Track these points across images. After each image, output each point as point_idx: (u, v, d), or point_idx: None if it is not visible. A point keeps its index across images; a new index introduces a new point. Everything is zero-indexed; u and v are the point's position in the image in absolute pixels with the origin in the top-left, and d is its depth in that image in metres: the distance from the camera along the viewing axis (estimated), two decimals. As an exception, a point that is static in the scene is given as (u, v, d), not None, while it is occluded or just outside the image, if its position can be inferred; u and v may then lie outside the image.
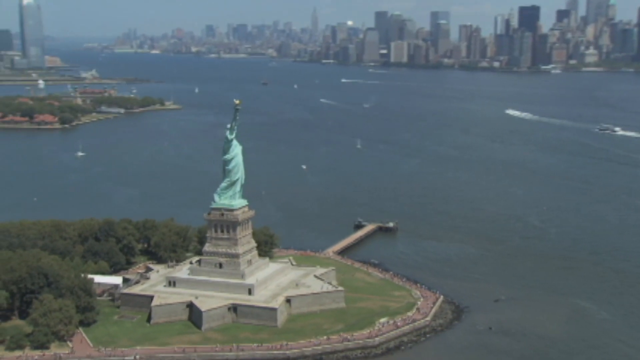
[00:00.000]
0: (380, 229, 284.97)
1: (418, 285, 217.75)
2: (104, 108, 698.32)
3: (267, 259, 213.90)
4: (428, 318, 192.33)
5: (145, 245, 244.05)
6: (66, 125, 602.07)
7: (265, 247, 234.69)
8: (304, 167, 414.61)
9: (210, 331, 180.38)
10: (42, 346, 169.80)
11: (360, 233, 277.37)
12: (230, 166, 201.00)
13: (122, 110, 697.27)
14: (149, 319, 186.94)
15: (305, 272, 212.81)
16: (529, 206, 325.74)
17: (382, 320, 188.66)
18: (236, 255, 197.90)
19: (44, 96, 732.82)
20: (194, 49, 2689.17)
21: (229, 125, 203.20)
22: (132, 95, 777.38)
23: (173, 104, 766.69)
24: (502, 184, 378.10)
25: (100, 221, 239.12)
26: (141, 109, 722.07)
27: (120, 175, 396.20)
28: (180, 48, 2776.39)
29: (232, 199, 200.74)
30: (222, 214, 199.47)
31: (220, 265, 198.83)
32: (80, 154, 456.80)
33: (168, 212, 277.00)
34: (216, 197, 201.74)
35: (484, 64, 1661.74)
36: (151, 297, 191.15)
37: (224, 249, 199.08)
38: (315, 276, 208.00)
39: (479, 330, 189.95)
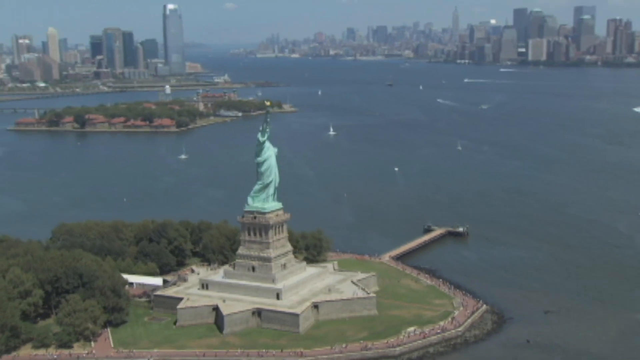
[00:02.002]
0: (449, 233, 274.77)
1: (464, 293, 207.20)
2: (222, 112, 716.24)
3: (304, 263, 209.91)
4: (460, 328, 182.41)
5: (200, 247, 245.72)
6: (182, 129, 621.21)
7: (314, 251, 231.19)
8: (396, 169, 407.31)
9: (232, 335, 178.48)
10: (66, 345, 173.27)
11: (426, 237, 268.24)
12: (263, 169, 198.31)
13: (239, 114, 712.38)
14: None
15: (343, 277, 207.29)
16: (621, 212, 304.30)
17: (410, 329, 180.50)
18: (268, 259, 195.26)
19: (168, 101, 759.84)
20: (332, 52, 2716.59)
21: (260, 128, 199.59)
22: (250, 99, 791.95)
23: (290, 106, 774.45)
24: (599, 187, 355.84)
25: (155, 223, 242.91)
26: (258, 112, 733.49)
27: (213, 177, 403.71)
28: (319, 52, 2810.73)
29: (264, 202, 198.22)
30: (255, 217, 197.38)
31: (253, 269, 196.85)
32: (183, 156, 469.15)
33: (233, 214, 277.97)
34: (249, 200, 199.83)
35: (630, 59, 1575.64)
36: (181, 300, 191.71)
37: (257, 252, 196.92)
38: (353, 282, 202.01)
39: (516, 343, 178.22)
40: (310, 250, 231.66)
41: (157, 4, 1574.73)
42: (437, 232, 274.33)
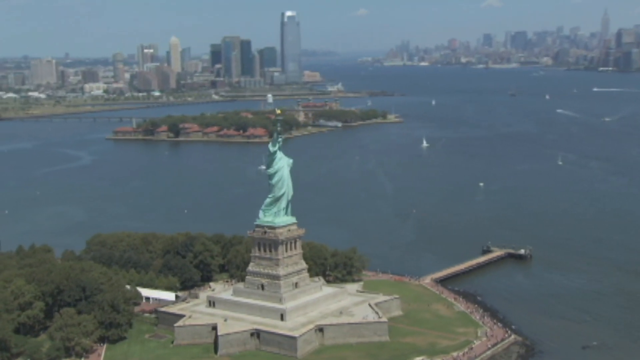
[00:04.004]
0: (510, 255, 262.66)
1: (495, 321, 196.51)
2: (322, 121, 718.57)
3: (319, 283, 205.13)
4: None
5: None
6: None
7: (344, 270, 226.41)
8: (481, 184, 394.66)
9: (226, 357, 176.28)
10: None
11: (482, 259, 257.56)
12: (274, 181, 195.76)
13: (339, 124, 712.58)
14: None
15: (362, 300, 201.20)
16: None
17: (417, 359, 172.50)
18: (277, 277, 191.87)
19: (268, 110, 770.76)
20: (463, 60, 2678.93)
21: (272, 137, 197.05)
22: (352, 109, 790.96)
23: (395, 117, 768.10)
24: None
25: (184, 235, 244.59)
26: (360, 122, 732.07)
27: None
28: (450, 59, 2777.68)
29: (275, 216, 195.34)
30: (265, 232, 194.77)
31: (262, 287, 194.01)
32: (263, 167, 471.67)
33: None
34: (260, 214, 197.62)
35: None
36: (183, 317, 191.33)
37: (266, 270, 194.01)
38: (370, 305, 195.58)
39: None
40: (339, 269, 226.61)
41: (276, 11, 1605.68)
42: (496, 253, 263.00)
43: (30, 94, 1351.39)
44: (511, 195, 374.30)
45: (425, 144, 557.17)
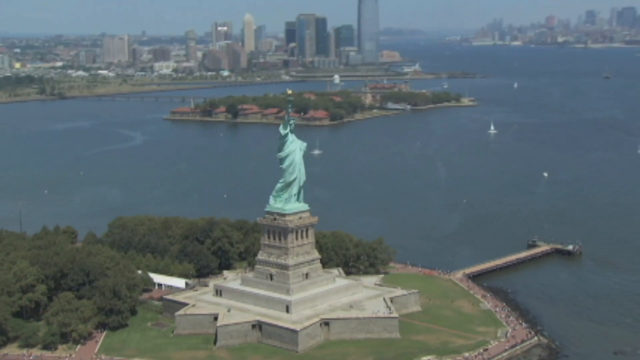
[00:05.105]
0: (556, 251, 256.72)
1: (520, 322, 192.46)
2: (389, 104, 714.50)
3: (333, 274, 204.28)
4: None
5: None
6: (336, 122, 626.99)
7: (367, 261, 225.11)
8: (545, 174, 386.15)
9: (224, 349, 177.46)
10: (50, 347, 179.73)
11: (525, 254, 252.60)
12: (285, 165, 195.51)
13: (407, 107, 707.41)
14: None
15: (378, 293, 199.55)
16: None
17: (424, 358, 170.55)
18: (285, 267, 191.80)
19: (334, 91, 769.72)
20: (560, 39, 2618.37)
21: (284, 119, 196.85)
22: (423, 91, 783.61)
23: (470, 100, 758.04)
24: None
25: (205, 220, 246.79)
26: (430, 105, 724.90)
27: (332, 176, 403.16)
28: (545, 39, 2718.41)
29: (286, 203, 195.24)
30: (275, 219, 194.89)
31: (271, 277, 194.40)
32: (316, 152, 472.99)
33: (332, 218, 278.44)
34: (271, 200, 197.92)
35: None
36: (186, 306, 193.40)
37: (275, 259, 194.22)
38: (384, 299, 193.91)
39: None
40: (361, 260, 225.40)
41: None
42: (542, 248, 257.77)
43: (100, 72, 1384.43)
44: (576, 186, 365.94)
45: (492, 129, 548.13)
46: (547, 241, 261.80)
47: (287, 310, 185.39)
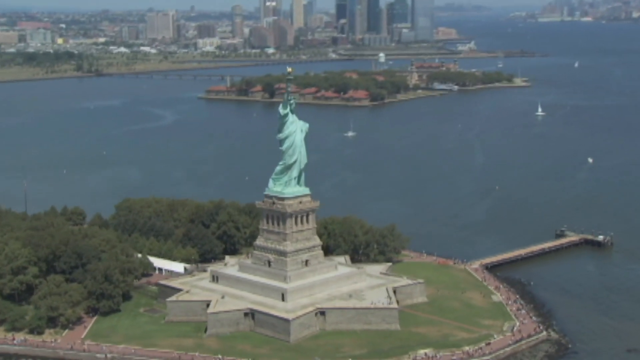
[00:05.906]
0: (586, 241, 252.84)
1: (530, 315, 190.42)
2: (435, 85, 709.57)
3: (334, 262, 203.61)
4: (487, 357, 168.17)
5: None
6: (376, 102, 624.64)
7: (376, 249, 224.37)
8: (590, 160, 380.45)
9: (214, 337, 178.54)
10: (36, 331, 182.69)
11: (552, 244, 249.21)
12: (284, 147, 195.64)
13: (455, 87, 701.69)
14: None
15: (382, 282, 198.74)
16: None
17: (421, 351, 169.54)
18: (284, 253, 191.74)
19: (378, 70, 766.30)
20: (635, 14, 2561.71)
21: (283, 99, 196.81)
22: (473, 71, 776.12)
23: (522, 80, 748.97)
24: None
25: (212, 203, 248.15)
26: (480, 85, 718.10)
27: (361, 159, 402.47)
28: (619, 14, 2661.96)
29: (285, 186, 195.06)
30: (274, 203, 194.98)
31: (269, 263, 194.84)
32: (350, 133, 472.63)
33: (351, 203, 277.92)
34: (270, 183, 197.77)
35: None
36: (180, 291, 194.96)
37: (273, 245, 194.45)
38: (387, 289, 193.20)
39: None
40: (370, 247, 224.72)
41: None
42: (570, 238, 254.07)
43: (142, 49, 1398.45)
44: (621, 173, 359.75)
45: (540, 112, 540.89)
46: (576, 231, 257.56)
47: (283, 299, 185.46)
